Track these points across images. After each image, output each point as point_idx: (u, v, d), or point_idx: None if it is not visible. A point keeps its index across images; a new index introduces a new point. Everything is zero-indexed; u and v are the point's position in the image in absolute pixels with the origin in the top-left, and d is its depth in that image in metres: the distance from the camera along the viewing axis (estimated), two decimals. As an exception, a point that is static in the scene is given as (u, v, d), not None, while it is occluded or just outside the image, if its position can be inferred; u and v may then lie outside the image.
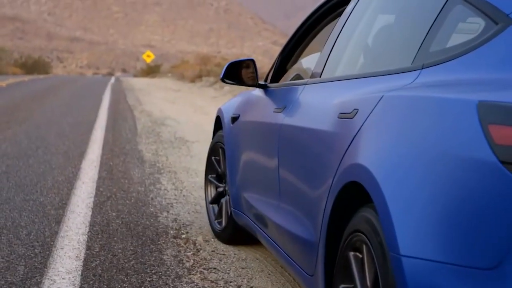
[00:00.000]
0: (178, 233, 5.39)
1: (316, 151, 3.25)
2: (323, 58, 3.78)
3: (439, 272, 2.13)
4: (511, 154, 2.00)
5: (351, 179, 2.66)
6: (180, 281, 4.28)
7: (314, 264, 3.14)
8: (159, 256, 4.78)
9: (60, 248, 4.82)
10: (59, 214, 5.82)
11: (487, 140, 2.06)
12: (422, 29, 2.85)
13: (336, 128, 3.03)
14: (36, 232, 5.23)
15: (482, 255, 2.03)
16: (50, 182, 7.18)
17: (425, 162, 2.26)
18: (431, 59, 2.67)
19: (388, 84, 2.81)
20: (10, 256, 4.64)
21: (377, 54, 3.41)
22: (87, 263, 4.54)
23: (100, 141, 10.68)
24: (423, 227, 2.19)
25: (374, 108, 2.72)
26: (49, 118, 14.20)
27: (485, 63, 2.40)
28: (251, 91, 5.04)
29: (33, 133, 11.49)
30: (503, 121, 2.04)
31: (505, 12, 2.43)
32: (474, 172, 2.08)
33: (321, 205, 3.02)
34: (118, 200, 6.47)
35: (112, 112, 16.30)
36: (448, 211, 2.14)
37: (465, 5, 2.67)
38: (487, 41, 2.43)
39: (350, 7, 3.70)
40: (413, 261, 2.19)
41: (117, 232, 5.34)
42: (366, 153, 2.60)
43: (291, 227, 3.56)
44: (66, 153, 9.31)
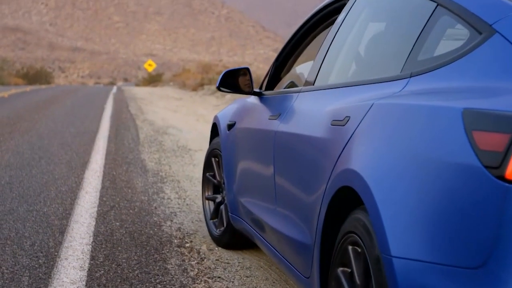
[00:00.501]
0: (182, 242, 5.39)
1: (310, 157, 3.36)
2: (316, 66, 3.90)
3: (428, 272, 2.23)
4: (494, 159, 2.09)
5: (344, 184, 2.77)
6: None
7: (310, 267, 3.24)
8: (163, 265, 4.77)
9: (64, 259, 4.82)
10: (63, 224, 5.82)
11: (472, 146, 2.16)
12: (410, 38, 2.96)
13: (329, 135, 3.14)
14: (40, 243, 5.23)
15: (469, 255, 2.13)
16: (53, 192, 7.18)
17: (414, 167, 2.37)
18: (419, 67, 2.78)
19: (378, 92, 2.92)
20: (15, 267, 4.63)
21: (368, 63, 3.53)
22: (91, 273, 4.54)
23: (102, 150, 10.69)
24: (413, 229, 2.30)
25: (365, 116, 2.83)
26: (51, 129, 14.20)
27: (470, 71, 2.49)
28: (247, 99, 5.14)
29: (36, 143, 11.49)
30: (486, 127, 2.14)
31: (488, 22, 2.53)
32: (460, 176, 2.18)
33: (315, 209, 3.13)
34: (122, 209, 6.47)
35: (114, 121, 16.31)
36: (436, 214, 2.25)
37: (450, 16, 2.78)
38: (471, 50, 2.54)
39: (341, 17, 3.82)
40: (403, 262, 2.30)
41: (121, 241, 5.34)
42: (358, 159, 2.71)
43: (287, 231, 3.67)
44: (69, 163, 9.31)
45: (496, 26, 2.50)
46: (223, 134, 5.26)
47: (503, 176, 2.06)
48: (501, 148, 2.08)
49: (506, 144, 2.06)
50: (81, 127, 14.62)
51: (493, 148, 2.10)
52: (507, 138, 2.07)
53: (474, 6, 2.66)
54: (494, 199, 2.07)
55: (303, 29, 4.53)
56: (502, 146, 2.07)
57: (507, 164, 2.05)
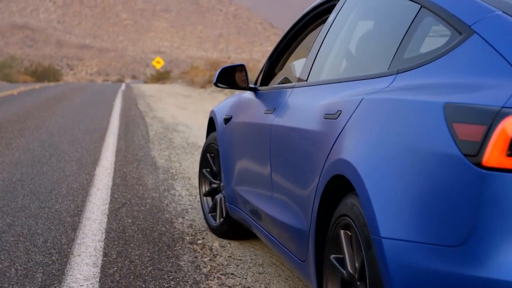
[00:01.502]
0: (194, 239, 5.40)
1: (305, 149, 3.57)
2: (309, 63, 4.11)
3: (414, 250, 2.45)
4: (472, 148, 2.31)
5: (337, 173, 3.00)
6: (198, 286, 4.28)
7: (306, 251, 3.46)
8: (176, 262, 4.78)
9: (77, 255, 4.83)
10: (75, 221, 5.83)
11: (452, 136, 2.39)
12: (396, 37, 3.19)
13: (322, 128, 3.36)
14: (52, 240, 5.24)
15: (450, 234, 2.35)
16: (64, 190, 7.20)
17: (400, 156, 2.60)
18: (405, 65, 3.00)
19: (367, 88, 3.13)
20: (28, 263, 4.65)
21: (357, 60, 3.75)
22: (104, 269, 4.55)
23: (113, 147, 10.70)
24: (400, 213, 2.53)
25: (356, 110, 3.06)
26: (61, 126, 14.23)
27: (451, 68, 2.71)
28: (242, 94, 5.37)
29: (46, 140, 11.52)
30: (465, 120, 2.37)
31: (467, 23, 2.75)
32: (442, 164, 2.41)
33: (310, 196, 3.36)
34: (133, 206, 6.48)
35: (124, 118, 16.33)
36: (421, 198, 2.47)
37: (433, 17, 3.00)
38: (452, 49, 2.75)
39: (332, 17, 4.04)
40: (391, 242, 2.53)
41: (133, 238, 5.35)
42: (349, 149, 2.95)
43: (283, 218, 3.89)
44: (80, 160, 9.33)
45: (474, 27, 2.71)
46: (220, 128, 5.47)
47: (480, 163, 2.28)
48: (478, 138, 2.30)
49: (483, 134, 2.29)
50: (91, 125, 14.64)
51: (471, 138, 2.32)
52: (484, 129, 2.29)
53: (455, 8, 2.87)
54: (473, 184, 2.29)
55: (296, 27, 4.72)
56: (479, 137, 2.29)
57: (484, 153, 2.27)
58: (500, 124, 2.25)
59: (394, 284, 2.50)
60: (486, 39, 2.62)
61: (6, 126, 13.93)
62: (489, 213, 2.26)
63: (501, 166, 2.25)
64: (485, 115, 2.30)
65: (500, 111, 2.27)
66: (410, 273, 2.46)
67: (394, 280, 2.50)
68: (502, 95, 2.32)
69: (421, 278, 2.43)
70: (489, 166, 2.26)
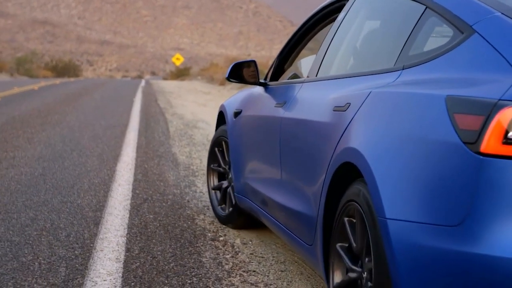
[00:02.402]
0: (216, 236, 5.41)
1: (314, 139, 3.79)
2: (319, 59, 4.33)
3: (416, 230, 2.69)
4: (471, 136, 2.53)
5: (346, 160, 3.22)
6: (220, 283, 4.29)
7: (313, 235, 3.70)
8: (198, 258, 4.79)
9: (100, 250, 4.85)
10: (97, 216, 5.86)
11: (453, 126, 2.61)
12: (402, 36, 3.41)
13: (331, 119, 3.58)
14: (75, 234, 5.27)
15: (450, 215, 2.58)
16: (86, 184, 7.23)
17: (405, 144, 2.83)
18: (410, 61, 3.23)
19: (375, 82, 3.36)
20: (51, 257, 4.67)
21: (365, 57, 3.96)
22: (127, 265, 4.56)
23: (133, 143, 10.73)
24: (404, 196, 2.76)
25: (364, 102, 3.28)
26: (82, 121, 14.29)
27: (453, 65, 2.94)
28: (251, 89, 5.55)
29: (67, 135, 11.57)
30: (465, 111, 2.59)
31: (468, 23, 2.97)
32: (443, 151, 2.63)
33: (319, 184, 3.58)
34: (155, 202, 6.50)
35: (144, 114, 16.38)
36: (423, 182, 2.70)
37: (437, 17, 3.22)
38: (454, 47, 2.97)
39: (341, 16, 4.25)
40: (395, 222, 2.76)
41: (155, 234, 5.37)
42: (357, 138, 3.16)
43: (292, 204, 4.11)
44: (101, 155, 9.37)
45: (475, 27, 2.93)
46: (230, 121, 5.67)
47: (479, 150, 2.50)
48: (477, 127, 2.52)
49: (481, 124, 2.51)
50: (111, 120, 14.69)
51: (471, 128, 2.54)
52: (482, 119, 2.51)
53: (457, 9, 3.09)
54: (471, 170, 2.52)
55: (305, 26, 4.94)
56: (478, 126, 2.52)
57: (482, 141, 2.49)
58: (497, 115, 2.48)
59: (398, 260, 2.73)
60: (486, 38, 2.85)
61: (28, 120, 14.00)
62: (485, 196, 2.49)
63: (497, 153, 2.48)
64: (483, 106, 2.53)
65: (497, 103, 2.49)
66: (412, 250, 2.69)
67: (398, 256, 2.73)
68: (499, 89, 2.54)
69: (422, 255, 2.66)
70: (486, 153, 2.49)
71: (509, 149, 2.46)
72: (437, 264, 2.61)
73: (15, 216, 5.77)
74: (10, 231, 5.30)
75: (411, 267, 2.70)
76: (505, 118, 2.46)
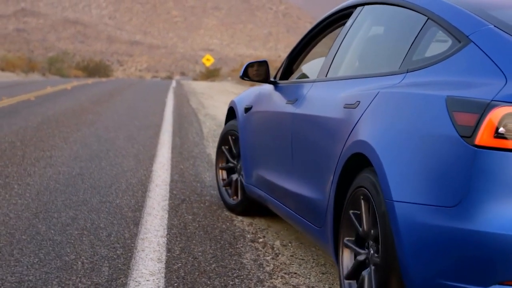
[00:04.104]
0: (255, 237, 5.42)
1: (326, 132, 4.18)
2: (328, 61, 4.73)
3: (419, 210, 3.11)
4: (468, 131, 2.97)
5: (356, 151, 3.63)
6: (262, 285, 4.30)
7: (323, 218, 4.11)
8: (239, 259, 4.81)
9: (141, 250, 4.88)
10: (136, 216, 5.90)
11: (452, 122, 3.05)
12: (406, 43, 3.83)
13: (342, 115, 3.98)
14: (116, 234, 5.31)
15: (448, 197, 3.01)
16: (124, 185, 7.27)
17: (409, 137, 3.25)
18: (413, 65, 3.64)
19: (382, 83, 3.76)
20: (94, 257, 4.71)
21: (372, 60, 4.35)
22: (169, 265, 4.59)
23: (168, 144, 10.78)
24: (408, 181, 3.19)
25: (373, 101, 3.69)
26: (116, 121, 14.37)
27: (451, 70, 3.35)
28: (261, 87, 5.99)
29: (102, 135, 11.65)
30: (462, 109, 3.03)
31: (465, 34, 3.41)
32: (443, 143, 3.07)
33: (330, 172, 3.99)
34: (193, 203, 6.53)
35: (177, 115, 16.43)
36: (425, 169, 3.13)
37: (437, 27, 3.65)
38: (452, 54, 3.40)
39: (350, 23, 4.65)
40: (401, 204, 3.18)
41: (195, 235, 5.39)
42: (367, 132, 3.58)
43: (303, 191, 4.50)
44: (137, 156, 9.42)
45: (471, 37, 3.37)
46: (240, 116, 6.12)
47: (474, 143, 2.94)
48: (472, 123, 2.96)
49: (476, 121, 2.95)
50: (144, 121, 14.76)
51: (467, 124, 2.98)
52: (477, 117, 2.95)
53: (456, 21, 3.52)
54: (467, 159, 2.96)
55: (314, 31, 5.32)
56: (473, 122, 2.96)
57: (476, 135, 2.93)
58: (490, 114, 2.91)
59: (403, 237, 3.15)
60: (480, 47, 3.29)
61: (63, 120, 14.11)
62: (479, 181, 2.92)
63: (489, 145, 2.91)
64: (478, 106, 2.97)
65: (490, 103, 2.93)
66: (416, 228, 3.11)
67: (403, 234, 3.15)
68: (491, 91, 2.99)
69: (425, 231, 3.08)
70: (480, 145, 2.93)
71: (500, 142, 2.90)
72: (437, 240, 3.04)
73: (55, 215, 5.83)
74: (51, 230, 5.35)
75: (415, 243, 3.12)
76: (496, 116, 2.90)
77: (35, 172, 7.82)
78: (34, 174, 7.73)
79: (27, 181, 7.31)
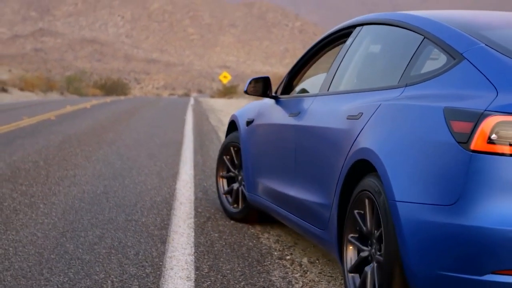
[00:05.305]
0: (282, 254, 5.42)
1: (330, 142, 4.48)
2: (330, 77, 5.06)
3: (420, 209, 3.44)
4: (464, 137, 3.32)
5: (360, 158, 3.95)
6: (292, 302, 4.29)
7: (327, 221, 4.43)
8: (267, 277, 4.80)
9: (170, 268, 4.89)
10: (163, 234, 5.91)
11: (449, 130, 3.40)
12: (404, 59, 4.20)
13: (345, 126, 4.31)
14: (143, 252, 5.32)
15: (446, 197, 3.35)
16: (148, 203, 7.29)
17: (410, 143, 3.60)
18: (411, 80, 4.01)
19: (383, 96, 4.12)
20: (123, 275, 4.72)
21: (373, 76, 4.68)
22: (198, 283, 4.59)
23: (190, 162, 10.80)
24: (409, 182, 3.52)
25: (375, 112, 4.03)
26: (136, 139, 14.43)
27: (447, 84, 3.71)
28: (261, 101, 6.35)
29: (124, 154, 11.69)
30: (458, 118, 3.38)
31: (459, 51, 3.78)
32: (441, 149, 3.41)
33: (334, 178, 4.30)
34: (218, 220, 6.54)
35: (197, 133, 16.47)
36: (425, 171, 3.47)
37: (433, 45, 4.02)
38: (447, 70, 3.77)
39: (350, 41, 5.00)
40: (403, 204, 3.51)
41: (222, 253, 5.39)
42: (370, 140, 3.90)
43: (306, 197, 4.82)
44: (159, 173, 9.44)
45: (465, 55, 3.74)
46: (242, 129, 6.47)
47: (469, 148, 3.30)
48: (468, 131, 3.32)
49: (471, 128, 3.30)
50: (165, 138, 14.81)
51: (463, 131, 3.34)
52: (472, 125, 3.31)
53: (450, 40, 3.90)
54: (463, 162, 3.30)
55: (313, 50, 5.67)
56: (469, 130, 3.32)
57: (472, 141, 3.28)
58: (483, 122, 3.28)
59: (405, 234, 3.47)
60: (473, 63, 3.65)
61: (84, 139, 14.18)
62: (474, 182, 3.27)
63: (483, 150, 3.26)
64: (472, 115, 3.33)
65: (483, 113, 3.30)
66: (417, 225, 3.43)
67: (405, 231, 3.47)
68: (484, 102, 3.36)
69: (425, 228, 3.41)
70: (475, 150, 3.28)
71: (492, 147, 3.25)
72: (437, 235, 3.36)
73: (82, 234, 5.85)
74: (79, 249, 5.37)
75: (416, 238, 3.43)
76: (489, 124, 3.27)
77: (60, 191, 7.86)
78: (59, 193, 7.76)
79: (52, 200, 7.35)
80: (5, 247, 5.40)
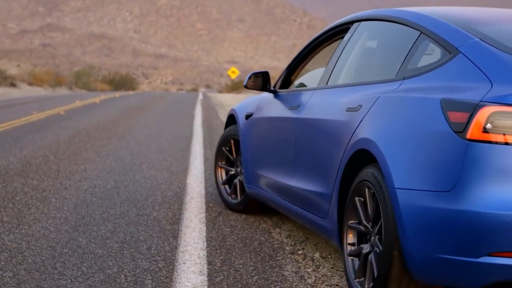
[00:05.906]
0: (294, 249, 5.42)
1: (330, 133, 4.63)
2: (328, 71, 5.19)
3: (418, 195, 3.60)
4: (460, 127, 3.48)
5: (360, 147, 4.11)
6: (305, 297, 4.29)
7: (327, 209, 4.59)
8: (280, 272, 4.81)
9: (182, 263, 4.90)
10: (175, 229, 5.92)
11: (446, 120, 3.56)
12: (402, 53, 4.35)
13: (345, 117, 4.46)
14: (156, 247, 5.33)
15: (443, 183, 3.51)
16: (160, 197, 7.30)
17: (408, 133, 3.76)
18: (409, 73, 4.17)
19: (381, 89, 4.27)
20: (136, 270, 4.73)
21: (371, 69, 4.84)
22: (211, 278, 4.60)
23: (200, 157, 10.81)
24: (408, 170, 3.68)
25: (374, 104, 4.19)
26: (146, 134, 14.44)
27: (443, 77, 3.87)
28: (260, 96, 6.49)
29: (134, 148, 11.70)
30: (455, 109, 3.54)
31: (455, 46, 3.95)
32: (439, 138, 3.57)
33: (334, 168, 4.45)
34: (229, 215, 6.55)
35: (206, 128, 16.48)
36: (423, 160, 3.62)
37: (429, 40, 4.19)
38: (444, 63, 3.93)
39: (348, 37, 5.15)
40: (402, 191, 3.67)
41: (234, 247, 5.40)
42: (370, 131, 4.06)
43: (306, 186, 4.97)
44: (170, 168, 9.45)
45: (460, 49, 3.90)
46: (241, 122, 6.61)
47: (465, 137, 3.45)
48: (464, 121, 3.48)
49: (467, 118, 3.46)
50: (174, 133, 14.82)
51: (459, 121, 3.50)
52: (468, 115, 3.46)
53: (446, 35, 4.05)
54: (460, 150, 3.46)
55: (311, 45, 5.79)
56: (465, 120, 3.47)
57: (468, 130, 3.44)
58: (478, 112, 3.42)
59: (404, 219, 3.63)
60: (468, 57, 3.81)
61: (94, 133, 14.20)
62: (470, 169, 3.42)
63: (479, 139, 3.41)
64: (468, 106, 3.48)
65: (479, 103, 3.45)
66: (416, 210, 3.59)
67: (404, 216, 3.63)
68: (479, 94, 3.51)
69: (423, 213, 3.56)
70: (471, 138, 3.43)
71: (487, 136, 3.40)
72: (434, 219, 3.51)
73: (94, 229, 5.86)
74: (92, 244, 5.38)
75: (415, 223, 3.58)
76: (484, 114, 3.41)
77: (71, 186, 7.88)
78: (70, 187, 7.78)
79: (64, 194, 7.37)
80: (18, 241, 5.41)
